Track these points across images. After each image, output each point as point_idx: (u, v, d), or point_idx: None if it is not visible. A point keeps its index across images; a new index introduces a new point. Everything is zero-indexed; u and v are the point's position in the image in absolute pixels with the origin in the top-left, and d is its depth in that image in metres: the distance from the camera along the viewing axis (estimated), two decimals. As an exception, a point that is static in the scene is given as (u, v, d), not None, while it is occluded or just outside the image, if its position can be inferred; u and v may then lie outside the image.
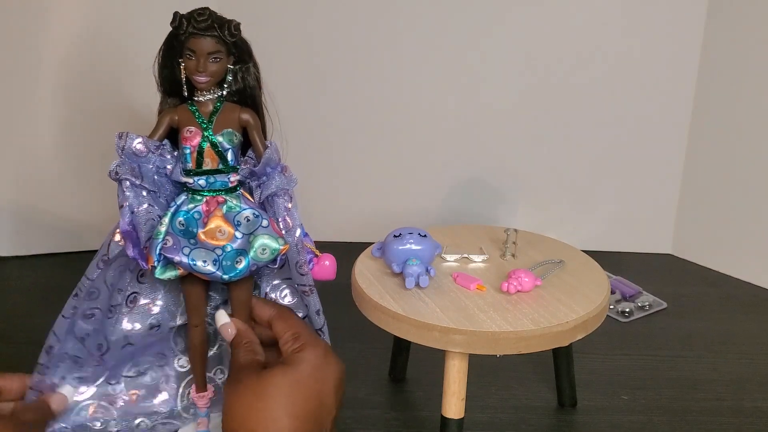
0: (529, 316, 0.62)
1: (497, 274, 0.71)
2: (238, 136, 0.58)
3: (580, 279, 0.70)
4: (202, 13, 0.55)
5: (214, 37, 0.55)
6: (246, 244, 0.56)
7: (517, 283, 0.66)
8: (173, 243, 0.55)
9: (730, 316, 1.03)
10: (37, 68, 1.10)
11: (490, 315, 0.62)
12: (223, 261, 0.56)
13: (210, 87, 0.57)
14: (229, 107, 0.58)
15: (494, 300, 0.65)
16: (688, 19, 1.14)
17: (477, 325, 0.61)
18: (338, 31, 1.17)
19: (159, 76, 0.59)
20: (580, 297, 0.66)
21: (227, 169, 0.58)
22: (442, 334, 0.61)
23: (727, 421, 0.79)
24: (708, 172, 1.19)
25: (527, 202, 1.25)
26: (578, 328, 0.62)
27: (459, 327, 0.60)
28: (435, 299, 0.65)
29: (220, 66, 0.56)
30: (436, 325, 0.61)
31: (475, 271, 0.72)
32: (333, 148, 1.24)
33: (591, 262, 0.75)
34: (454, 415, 0.64)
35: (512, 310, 0.63)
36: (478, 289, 0.67)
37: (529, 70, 1.18)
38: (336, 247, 0.66)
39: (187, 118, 0.58)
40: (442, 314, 0.62)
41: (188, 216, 0.57)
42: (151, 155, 0.57)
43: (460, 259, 0.74)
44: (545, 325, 0.61)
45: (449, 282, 0.69)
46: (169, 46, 0.57)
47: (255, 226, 0.57)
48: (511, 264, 0.73)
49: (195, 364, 0.64)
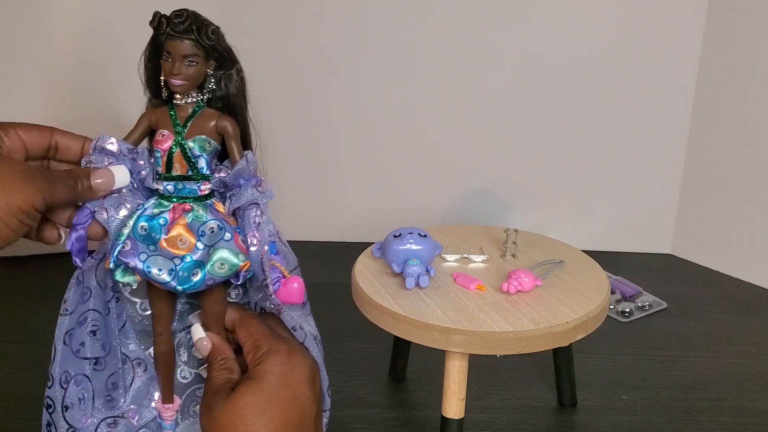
0: (529, 316, 0.62)
1: (497, 274, 0.70)
2: (213, 143, 0.57)
3: (580, 279, 0.70)
4: (179, 14, 0.53)
5: (191, 40, 0.53)
6: (206, 257, 0.55)
7: (517, 283, 0.66)
8: (131, 247, 0.54)
9: (730, 316, 1.03)
10: (36, 69, 1.10)
11: (491, 315, 0.62)
12: (179, 271, 0.55)
13: (186, 90, 0.56)
14: (208, 113, 0.56)
15: (494, 300, 0.65)
16: (688, 19, 1.14)
17: (477, 325, 0.60)
18: (342, 32, 1.17)
19: (144, 76, 0.58)
20: (580, 297, 0.66)
21: (197, 176, 0.56)
22: (442, 335, 0.60)
23: (727, 421, 0.79)
24: (708, 172, 1.19)
25: (527, 201, 1.24)
26: (578, 328, 0.62)
27: (459, 327, 0.60)
28: (435, 299, 0.65)
29: (196, 70, 0.54)
30: (436, 325, 0.61)
31: (476, 271, 0.72)
32: (332, 148, 1.24)
33: (591, 262, 0.75)
34: (454, 415, 0.64)
35: (512, 310, 0.63)
36: (478, 289, 0.67)
37: (529, 70, 1.17)
38: (335, 247, 0.66)
39: (164, 121, 0.56)
40: (443, 314, 0.62)
41: (152, 222, 0.55)
42: (123, 158, 0.56)
43: (460, 259, 0.74)
44: (545, 325, 0.61)
45: (449, 282, 0.69)
46: (152, 47, 0.57)
47: (217, 238, 0.55)
48: (511, 264, 0.73)
49: (160, 373, 0.63)
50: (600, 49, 1.16)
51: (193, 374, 0.68)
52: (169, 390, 0.64)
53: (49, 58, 1.10)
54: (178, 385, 0.66)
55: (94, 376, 0.61)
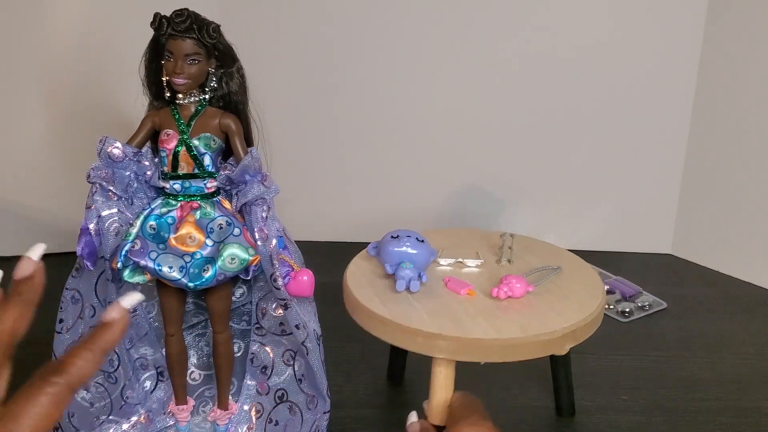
0: (518, 323, 0.59)
1: (490, 280, 0.68)
2: (218, 141, 0.57)
3: (574, 286, 0.68)
4: (180, 14, 0.54)
5: (192, 38, 0.54)
6: (216, 253, 0.56)
7: (508, 289, 0.63)
8: (141, 246, 0.55)
9: (730, 316, 1.03)
10: (35, 69, 1.10)
11: (478, 321, 0.60)
12: (190, 268, 0.55)
13: (189, 89, 0.56)
14: (211, 112, 0.57)
15: (484, 306, 0.63)
16: (688, 19, 1.14)
17: (463, 331, 0.58)
18: (342, 32, 1.17)
19: (145, 78, 0.59)
20: (572, 304, 0.63)
21: (203, 174, 0.57)
22: (427, 340, 0.58)
23: (727, 421, 0.79)
24: (708, 172, 1.18)
25: (528, 202, 1.24)
26: (567, 336, 0.59)
27: (444, 333, 0.58)
28: (424, 303, 0.63)
29: (198, 68, 0.55)
30: (421, 330, 0.58)
31: (469, 275, 0.69)
32: (332, 148, 1.24)
33: (588, 268, 0.72)
34: (441, 422, 0.62)
35: (501, 317, 0.61)
36: (468, 294, 0.65)
37: (529, 70, 1.17)
38: (335, 247, 0.66)
39: (168, 121, 0.57)
40: (429, 319, 0.60)
41: (161, 221, 0.56)
42: (128, 161, 0.56)
43: (454, 263, 0.72)
44: (533, 333, 0.58)
45: (440, 286, 0.67)
46: (153, 48, 0.57)
47: (226, 234, 0.56)
48: (506, 269, 0.71)
49: (173, 374, 0.63)
50: (600, 49, 1.16)
51: (203, 376, 0.68)
52: (183, 391, 0.65)
53: (49, 58, 1.10)
54: (189, 386, 0.67)
55: (104, 386, 0.62)
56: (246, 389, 0.68)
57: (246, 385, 0.68)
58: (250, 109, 0.60)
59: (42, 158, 1.14)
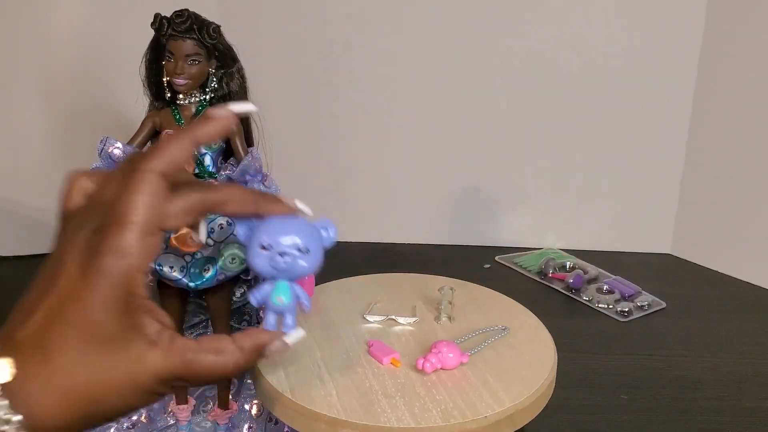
0: (441, 406, 0.48)
1: (422, 343, 0.56)
2: (219, 141, 0.58)
3: (521, 354, 0.55)
4: (180, 14, 0.54)
5: (192, 39, 0.54)
6: (216, 253, 0.56)
7: (436, 360, 0.52)
8: None
9: (730, 316, 1.03)
10: (36, 69, 1.11)
11: (394, 403, 0.48)
12: (191, 268, 0.55)
13: (190, 90, 0.56)
14: None
15: (406, 381, 0.51)
16: (688, 19, 1.14)
17: (372, 417, 0.47)
18: (343, 33, 1.17)
19: (146, 78, 0.59)
20: (513, 380, 0.52)
21: (204, 173, 0.57)
22: (330, 427, 0.48)
23: (727, 420, 0.79)
24: (708, 172, 1.19)
25: (528, 202, 1.24)
26: (502, 423, 0.48)
27: (349, 419, 0.47)
28: (335, 376, 0.51)
29: (199, 69, 0.55)
30: (323, 414, 0.47)
31: (399, 337, 0.57)
32: (331, 149, 1.24)
33: (541, 330, 0.60)
34: None
35: (423, 397, 0.49)
36: (392, 363, 0.53)
37: (530, 72, 1.17)
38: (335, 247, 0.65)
39: (168, 121, 0.57)
40: (336, 399, 0.49)
41: None
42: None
43: (384, 320, 0.60)
44: (456, 421, 0.47)
45: (362, 352, 0.55)
46: (153, 48, 0.57)
47: (226, 234, 0.56)
48: (445, 330, 0.59)
49: None
50: (600, 50, 1.16)
51: None
52: (184, 391, 0.65)
53: (49, 58, 1.10)
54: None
55: None
56: (246, 389, 0.68)
57: (246, 384, 0.68)
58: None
59: (42, 158, 1.14)
